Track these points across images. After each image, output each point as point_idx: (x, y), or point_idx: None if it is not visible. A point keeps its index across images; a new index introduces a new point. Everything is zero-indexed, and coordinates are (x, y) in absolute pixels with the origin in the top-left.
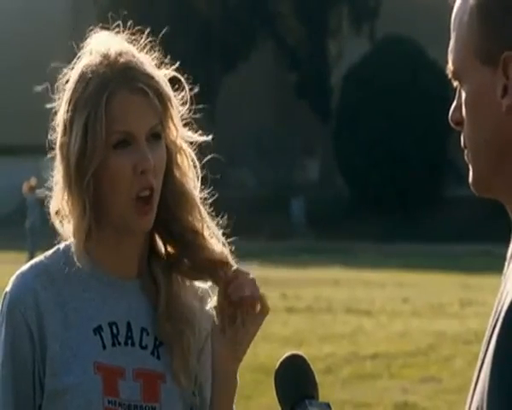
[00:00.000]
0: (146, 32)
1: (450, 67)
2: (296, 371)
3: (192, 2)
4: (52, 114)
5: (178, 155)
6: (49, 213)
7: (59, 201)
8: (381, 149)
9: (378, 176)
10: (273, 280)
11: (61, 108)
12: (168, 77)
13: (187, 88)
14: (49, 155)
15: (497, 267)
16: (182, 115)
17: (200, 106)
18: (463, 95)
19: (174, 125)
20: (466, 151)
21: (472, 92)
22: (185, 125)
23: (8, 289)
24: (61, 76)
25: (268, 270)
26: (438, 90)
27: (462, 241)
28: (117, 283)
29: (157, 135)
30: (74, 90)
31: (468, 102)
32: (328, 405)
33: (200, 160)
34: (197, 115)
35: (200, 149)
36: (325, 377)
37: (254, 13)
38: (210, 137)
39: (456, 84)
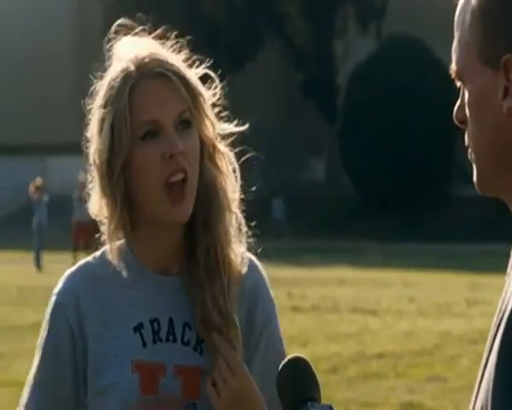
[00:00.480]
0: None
1: (453, 66)
2: (298, 374)
3: (199, 4)
4: (86, 125)
5: (216, 154)
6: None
7: (96, 206)
8: (386, 149)
9: (384, 175)
10: (279, 279)
11: (93, 117)
12: (199, 75)
13: (218, 84)
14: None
15: (504, 267)
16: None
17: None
18: (466, 95)
19: (209, 119)
20: (469, 150)
21: (474, 93)
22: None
23: (55, 290)
24: (92, 87)
25: (274, 269)
26: (444, 89)
27: (468, 241)
28: (159, 279)
29: (186, 122)
30: (103, 96)
31: (471, 102)
32: (330, 407)
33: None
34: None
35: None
36: (331, 377)
37: (261, 13)
38: (246, 125)
39: (459, 83)
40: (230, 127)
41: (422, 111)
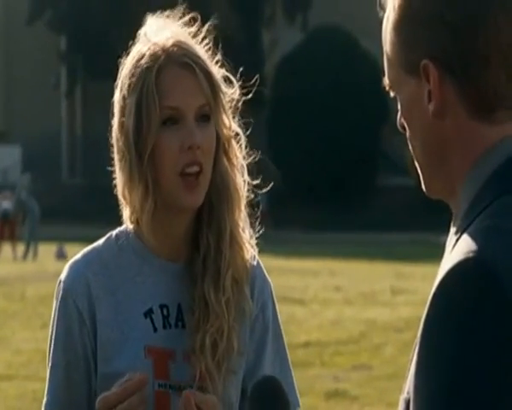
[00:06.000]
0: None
1: (385, 80)
2: (269, 396)
3: None
4: (112, 104)
5: (230, 146)
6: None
7: (120, 186)
8: (314, 139)
9: (312, 165)
10: None
11: (116, 92)
12: (220, 74)
13: (236, 83)
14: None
15: (429, 256)
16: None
17: None
18: (399, 105)
19: (227, 116)
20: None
21: (404, 102)
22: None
23: (61, 277)
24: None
25: None
26: (370, 80)
27: (394, 230)
28: (167, 266)
29: (206, 116)
30: (127, 74)
31: (403, 111)
32: None
33: None
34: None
35: None
36: None
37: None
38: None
39: (393, 94)
40: (241, 132)
41: (349, 102)
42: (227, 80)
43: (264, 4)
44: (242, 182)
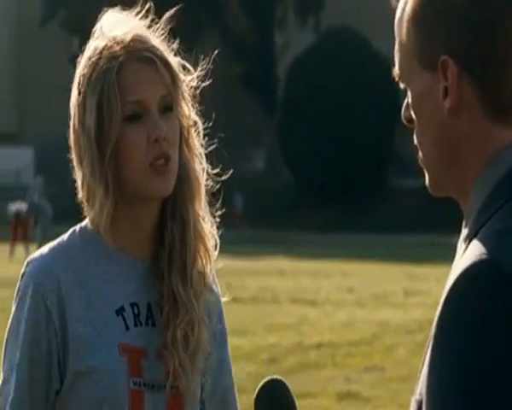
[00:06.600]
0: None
1: (396, 70)
2: (276, 400)
3: None
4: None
5: (190, 134)
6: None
7: (81, 188)
8: (326, 140)
9: (323, 167)
10: (218, 270)
11: (74, 92)
12: (179, 64)
13: (194, 73)
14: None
15: (440, 257)
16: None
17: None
18: (409, 97)
19: (186, 104)
20: (419, 154)
21: (416, 95)
22: None
23: (27, 270)
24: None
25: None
26: (382, 80)
27: (406, 231)
28: (135, 265)
29: (168, 107)
30: (85, 73)
31: (414, 104)
32: None
33: None
34: None
35: None
36: (269, 368)
37: (200, 2)
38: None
39: (403, 85)
40: (200, 122)
41: (362, 102)
42: (184, 68)
43: (275, 6)
44: (202, 170)
